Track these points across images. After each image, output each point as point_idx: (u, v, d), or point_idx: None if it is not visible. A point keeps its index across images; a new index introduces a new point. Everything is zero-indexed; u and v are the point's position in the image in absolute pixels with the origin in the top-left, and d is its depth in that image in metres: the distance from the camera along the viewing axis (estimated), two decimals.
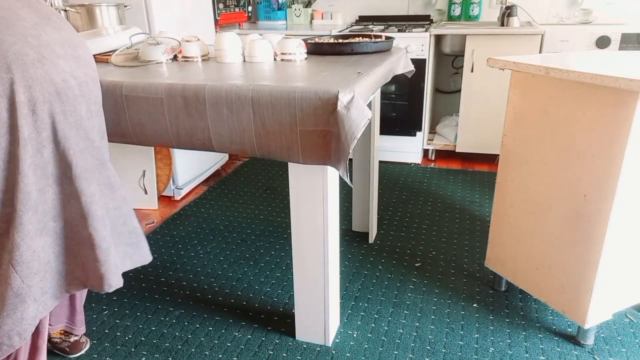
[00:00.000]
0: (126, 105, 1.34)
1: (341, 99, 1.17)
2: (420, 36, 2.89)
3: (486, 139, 3.04)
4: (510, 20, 2.96)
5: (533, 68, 1.44)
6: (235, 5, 3.33)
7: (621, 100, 1.25)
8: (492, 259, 1.80)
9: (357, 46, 1.74)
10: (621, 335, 1.59)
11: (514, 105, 1.59)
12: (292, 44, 1.63)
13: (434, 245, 2.17)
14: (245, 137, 1.28)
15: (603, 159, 1.33)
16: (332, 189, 1.41)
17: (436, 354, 1.53)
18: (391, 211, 2.52)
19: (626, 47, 2.71)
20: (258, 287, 1.90)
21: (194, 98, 1.27)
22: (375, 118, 2.05)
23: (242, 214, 2.51)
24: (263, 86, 1.23)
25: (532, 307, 1.74)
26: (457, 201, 2.61)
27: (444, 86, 3.53)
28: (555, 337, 1.59)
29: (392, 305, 1.77)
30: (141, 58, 1.67)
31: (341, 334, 1.63)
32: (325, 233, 1.42)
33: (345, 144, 1.17)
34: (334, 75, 1.35)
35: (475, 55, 2.88)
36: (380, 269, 2.00)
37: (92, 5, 2.07)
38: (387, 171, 3.07)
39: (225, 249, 2.17)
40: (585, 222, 1.41)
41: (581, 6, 3.14)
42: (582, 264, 1.45)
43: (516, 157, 1.61)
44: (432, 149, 3.24)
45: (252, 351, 1.56)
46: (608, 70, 1.30)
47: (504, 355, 1.52)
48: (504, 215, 1.71)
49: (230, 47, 1.60)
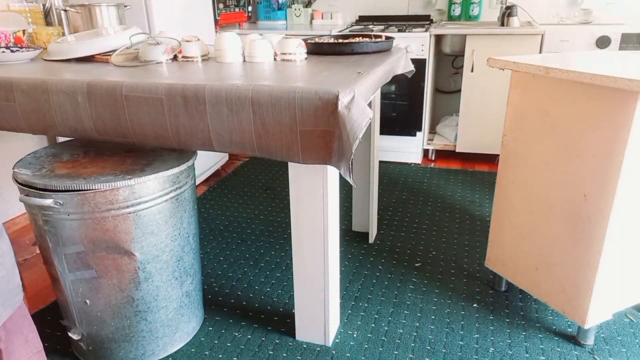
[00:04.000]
0: (126, 105, 1.34)
1: (341, 99, 1.16)
2: (420, 36, 2.89)
3: (486, 139, 3.04)
4: (510, 20, 2.96)
5: (533, 68, 1.44)
6: (235, 5, 3.33)
7: (621, 100, 1.25)
8: (492, 259, 1.80)
9: (357, 46, 1.74)
10: (621, 335, 1.59)
11: (514, 105, 1.59)
12: (292, 44, 1.62)
13: (434, 245, 2.17)
14: (245, 137, 1.28)
15: (603, 159, 1.33)
16: (332, 189, 1.41)
17: (436, 354, 1.53)
18: (391, 211, 2.52)
19: (626, 47, 2.71)
20: (258, 287, 1.89)
21: (194, 98, 1.27)
22: (375, 118, 2.05)
23: (242, 214, 2.51)
24: (263, 86, 1.23)
25: (532, 307, 1.74)
26: (457, 201, 2.61)
27: (444, 86, 3.53)
28: (555, 337, 1.59)
29: (392, 305, 1.77)
30: (141, 58, 1.67)
31: (341, 334, 1.63)
32: (325, 233, 1.42)
33: (347, 144, 1.17)
34: (334, 75, 1.35)
35: (475, 55, 2.88)
36: (380, 269, 2.00)
37: (92, 5, 2.07)
38: (387, 171, 3.07)
39: (225, 249, 2.17)
40: (585, 222, 1.41)
41: (581, 6, 3.14)
42: (582, 264, 1.45)
43: (516, 157, 1.61)
44: (432, 149, 3.24)
45: (252, 351, 1.56)
46: (608, 70, 1.30)
47: (504, 355, 1.52)
48: (504, 215, 1.71)
49: (230, 47, 1.60)
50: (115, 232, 1.34)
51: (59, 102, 1.41)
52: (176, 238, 1.46)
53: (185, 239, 1.50)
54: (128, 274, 1.39)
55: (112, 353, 1.49)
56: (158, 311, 1.48)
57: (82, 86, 1.37)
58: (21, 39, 2.00)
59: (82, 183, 1.29)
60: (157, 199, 1.37)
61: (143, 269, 1.40)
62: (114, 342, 1.47)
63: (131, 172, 1.36)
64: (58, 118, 1.43)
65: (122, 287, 1.40)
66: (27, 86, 1.44)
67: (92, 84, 1.36)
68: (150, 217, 1.37)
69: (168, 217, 1.42)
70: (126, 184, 1.30)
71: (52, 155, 1.52)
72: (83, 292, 1.41)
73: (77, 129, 1.44)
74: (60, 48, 1.71)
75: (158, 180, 1.36)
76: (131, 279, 1.40)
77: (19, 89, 1.45)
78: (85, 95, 1.37)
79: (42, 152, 1.55)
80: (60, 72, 1.49)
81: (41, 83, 1.42)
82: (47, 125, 1.46)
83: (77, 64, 1.67)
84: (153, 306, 1.46)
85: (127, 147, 1.56)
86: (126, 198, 1.32)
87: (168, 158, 1.47)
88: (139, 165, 1.41)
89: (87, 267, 1.37)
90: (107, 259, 1.36)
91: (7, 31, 1.95)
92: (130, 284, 1.40)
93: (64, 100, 1.40)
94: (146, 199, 1.35)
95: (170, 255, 1.45)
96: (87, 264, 1.36)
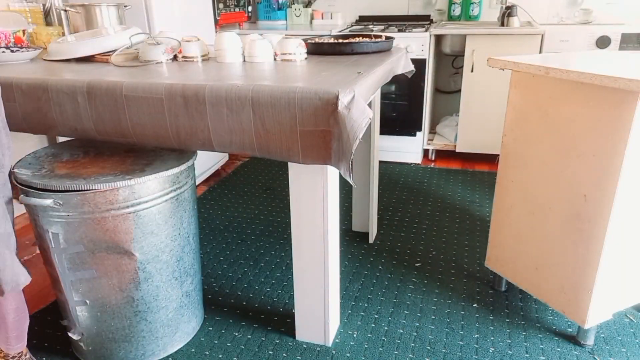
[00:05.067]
0: (126, 105, 1.34)
1: (341, 99, 1.16)
2: (420, 36, 2.89)
3: (486, 139, 3.04)
4: (510, 20, 2.96)
5: (533, 68, 1.44)
6: (235, 5, 3.33)
7: (621, 100, 1.25)
8: (492, 259, 1.80)
9: (357, 46, 1.74)
10: (621, 335, 1.59)
11: (514, 105, 1.59)
12: (292, 44, 1.62)
13: (434, 245, 2.17)
14: (245, 137, 1.28)
15: (603, 159, 1.33)
16: (332, 189, 1.41)
17: (436, 354, 1.53)
18: (391, 211, 2.52)
19: (626, 47, 2.71)
20: (258, 287, 1.89)
21: (194, 98, 1.27)
22: (375, 118, 2.05)
23: (242, 214, 2.51)
24: (263, 86, 1.23)
25: (532, 307, 1.74)
26: (457, 201, 2.61)
27: (444, 86, 3.53)
28: (555, 337, 1.59)
29: (392, 305, 1.77)
30: (141, 58, 1.67)
31: (341, 334, 1.63)
32: (325, 233, 1.42)
33: (347, 144, 1.17)
34: (334, 75, 1.35)
35: (475, 55, 2.88)
36: (380, 269, 2.00)
37: (92, 5, 2.07)
38: (387, 171, 3.07)
39: (225, 249, 2.17)
40: (585, 222, 1.41)
41: (581, 6, 3.14)
42: (582, 264, 1.45)
43: (516, 157, 1.61)
44: (432, 149, 3.24)
45: (252, 351, 1.56)
46: (608, 70, 1.30)
47: (504, 355, 1.52)
48: (504, 215, 1.71)
49: (230, 47, 1.60)
50: (115, 232, 1.34)
51: (59, 102, 1.41)
52: (176, 238, 1.46)
53: (185, 239, 1.50)
54: (128, 274, 1.39)
55: (112, 353, 1.49)
56: (158, 311, 1.48)
57: (82, 86, 1.37)
58: (21, 39, 2.00)
59: (82, 183, 1.29)
60: (157, 199, 1.37)
61: (143, 269, 1.40)
62: (114, 342, 1.47)
63: (131, 172, 1.36)
64: (58, 118, 1.43)
65: (122, 287, 1.40)
66: (27, 86, 1.44)
67: (92, 84, 1.36)
68: (150, 217, 1.37)
69: (168, 217, 1.42)
70: (126, 184, 1.30)
71: (52, 155, 1.52)
72: (83, 292, 1.40)
73: (77, 129, 1.44)
74: (60, 48, 1.71)
75: (158, 180, 1.36)
76: (131, 279, 1.40)
77: (19, 89, 1.45)
78: (85, 95, 1.37)
79: (42, 152, 1.55)
80: (60, 72, 1.49)
81: (41, 83, 1.42)
82: (47, 125, 1.46)
83: (77, 64, 1.67)
84: (153, 306, 1.46)
85: (127, 147, 1.56)
86: (126, 198, 1.32)
87: (168, 158, 1.47)
88: (139, 165, 1.41)
89: (87, 267, 1.37)
90: (107, 259, 1.36)
91: (7, 31, 1.95)
92: (130, 284, 1.40)
93: (64, 100, 1.40)
94: (146, 199, 1.35)
95: (170, 255, 1.45)
96: (87, 264, 1.36)
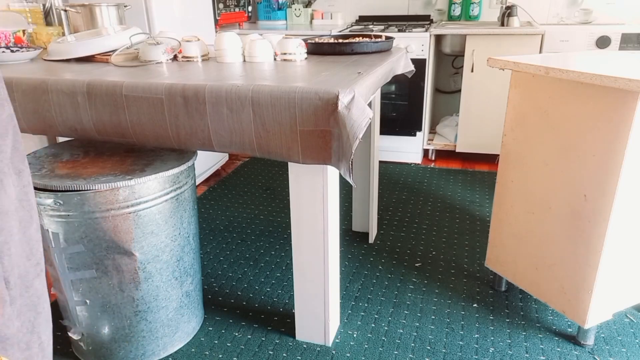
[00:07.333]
0: (126, 105, 1.34)
1: (341, 99, 1.16)
2: (420, 36, 2.89)
3: (486, 139, 3.04)
4: (510, 20, 2.96)
5: (533, 68, 1.44)
6: (235, 5, 3.33)
7: (621, 100, 1.25)
8: (492, 259, 1.80)
9: (357, 46, 1.74)
10: (621, 335, 1.59)
11: (514, 105, 1.59)
12: (292, 44, 1.62)
13: (434, 245, 2.17)
14: (245, 137, 1.28)
15: (603, 159, 1.33)
16: (332, 189, 1.41)
17: (436, 354, 1.53)
18: (391, 211, 2.52)
19: (626, 47, 2.71)
20: (258, 287, 1.89)
21: (194, 98, 1.27)
22: (375, 118, 2.05)
23: (242, 214, 2.51)
24: (263, 86, 1.23)
25: (532, 307, 1.74)
26: (457, 201, 2.61)
27: (444, 86, 3.53)
28: (555, 337, 1.59)
29: (392, 305, 1.77)
30: (141, 58, 1.67)
31: (341, 334, 1.63)
32: (325, 233, 1.42)
33: (347, 144, 1.17)
34: (334, 75, 1.35)
35: (475, 55, 2.88)
36: (380, 269, 2.00)
37: (92, 5, 2.07)
38: (387, 171, 3.07)
39: (225, 249, 2.17)
40: (585, 222, 1.41)
41: (581, 6, 3.14)
42: (582, 264, 1.45)
43: (516, 157, 1.61)
44: (432, 149, 3.24)
45: (252, 351, 1.56)
46: (608, 70, 1.30)
47: (504, 355, 1.52)
48: (504, 215, 1.71)
49: (230, 47, 1.60)
50: (115, 232, 1.34)
51: (59, 102, 1.41)
52: (176, 238, 1.46)
53: (185, 239, 1.50)
54: (128, 274, 1.39)
55: (112, 353, 1.49)
56: (158, 311, 1.48)
57: (82, 86, 1.37)
58: (21, 39, 2.00)
59: (82, 183, 1.29)
60: (157, 199, 1.37)
61: (143, 269, 1.40)
62: (114, 342, 1.47)
63: (131, 172, 1.36)
64: (58, 118, 1.43)
65: (122, 287, 1.40)
66: (27, 86, 1.44)
67: (92, 84, 1.36)
68: (150, 217, 1.37)
69: (168, 217, 1.42)
70: (126, 184, 1.30)
71: (52, 155, 1.52)
72: (83, 292, 1.41)
73: (77, 129, 1.44)
74: (60, 48, 1.71)
75: (158, 180, 1.36)
76: (131, 279, 1.40)
77: (19, 89, 1.45)
78: (85, 95, 1.37)
79: (42, 152, 1.55)
80: (60, 72, 1.49)
81: (41, 83, 1.42)
82: (47, 125, 1.46)
83: (77, 64, 1.67)
84: (153, 306, 1.46)
85: (127, 147, 1.56)
86: (126, 198, 1.32)
87: (168, 158, 1.47)
88: (139, 165, 1.41)
89: (87, 267, 1.37)
90: (107, 259, 1.36)
91: (7, 31, 1.95)
92: (130, 284, 1.40)
93: (64, 100, 1.40)
94: (146, 199, 1.35)
95: (170, 255, 1.45)
96: (87, 264, 1.36)
